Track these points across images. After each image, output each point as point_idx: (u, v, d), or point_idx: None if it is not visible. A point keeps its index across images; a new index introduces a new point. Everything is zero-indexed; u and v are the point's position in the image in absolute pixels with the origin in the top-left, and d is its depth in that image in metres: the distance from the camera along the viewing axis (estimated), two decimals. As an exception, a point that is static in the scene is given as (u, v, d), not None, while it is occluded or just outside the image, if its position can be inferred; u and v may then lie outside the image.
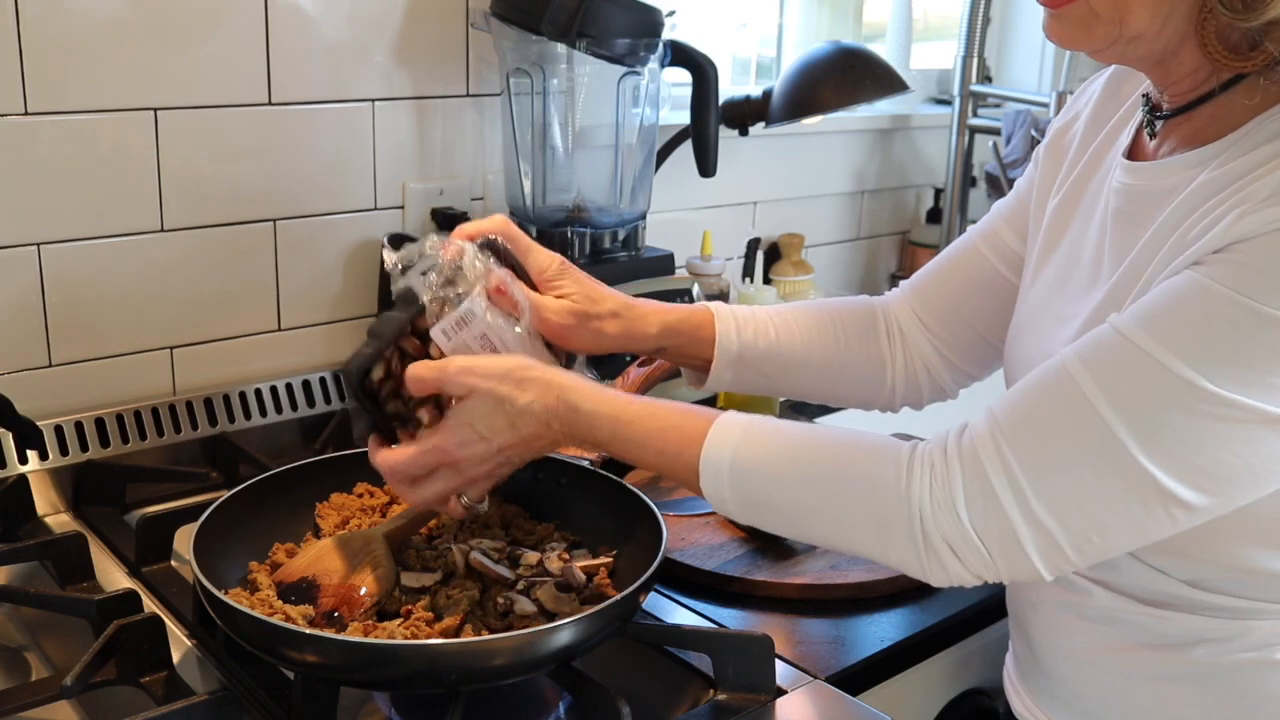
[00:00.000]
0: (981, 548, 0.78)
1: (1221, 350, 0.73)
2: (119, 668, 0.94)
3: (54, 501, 1.26)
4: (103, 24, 1.24)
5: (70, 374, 1.31)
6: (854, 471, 0.83)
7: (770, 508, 0.86)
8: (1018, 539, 0.77)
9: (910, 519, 0.80)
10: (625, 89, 1.47)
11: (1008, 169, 1.96)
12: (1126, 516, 0.76)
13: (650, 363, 1.29)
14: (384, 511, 1.09)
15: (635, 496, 1.06)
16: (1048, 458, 0.77)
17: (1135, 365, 0.75)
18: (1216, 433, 0.74)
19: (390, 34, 1.45)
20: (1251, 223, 0.74)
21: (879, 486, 0.81)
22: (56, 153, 1.24)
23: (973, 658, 1.19)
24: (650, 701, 0.96)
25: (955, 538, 0.79)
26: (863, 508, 0.82)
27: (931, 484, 0.79)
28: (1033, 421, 0.78)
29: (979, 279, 1.10)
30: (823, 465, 0.84)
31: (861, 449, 0.84)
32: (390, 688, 0.95)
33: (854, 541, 0.84)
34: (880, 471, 0.81)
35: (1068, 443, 0.76)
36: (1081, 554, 0.78)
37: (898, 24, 2.28)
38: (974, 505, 0.78)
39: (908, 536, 0.80)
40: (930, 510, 0.79)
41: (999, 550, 0.78)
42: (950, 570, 0.80)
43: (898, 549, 0.81)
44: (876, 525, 0.82)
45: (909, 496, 0.80)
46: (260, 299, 1.43)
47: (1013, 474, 0.77)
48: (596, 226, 1.50)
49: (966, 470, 0.79)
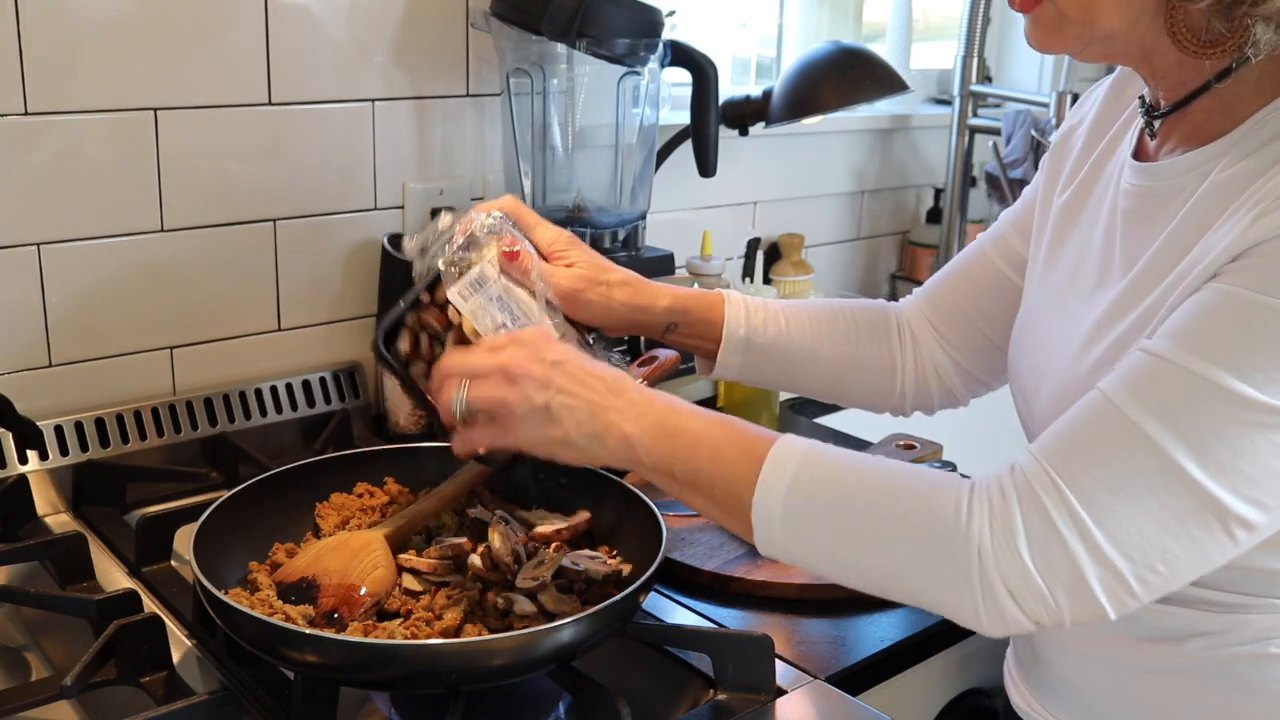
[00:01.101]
0: (1045, 590, 0.75)
1: (1258, 355, 0.72)
2: (119, 668, 0.94)
3: (54, 501, 1.26)
4: (103, 24, 1.24)
5: (70, 374, 1.31)
6: (913, 505, 0.78)
7: (821, 534, 0.81)
8: (1084, 577, 0.74)
9: (969, 560, 0.75)
10: (625, 89, 1.47)
11: (1008, 169, 1.96)
12: (1189, 541, 0.74)
13: (651, 362, 1.28)
14: (384, 511, 1.09)
15: (635, 496, 1.06)
16: (1105, 488, 0.74)
17: (1177, 383, 0.74)
18: (1268, 440, 0.72)
19: (390, 34, 1.45)
20: (1267, 225, 0.74)
21: (937, 523, 0.77)
22: (56, 152, 1.24)
23: (973, 658, 1.19)
24: (650, 701, 0.96)
25: (1016, 581, 0.75)
26: (919, 544, 0.78)
27: (992, 523, 0.75)
28: (1083, 453, 0.75)
29: (988, 284, 1.10)
30: (881, 495, 0.80)
31: (922, 483, 0.80)
32: (390, 688, 0.95)
33: (904, 580, 0.79)
34: (940, 508, 0.77)
35: (1123, 470, 0.74)
36: (1146, 586, 0.75)
37: (898, 24, 2.28)
38: (1036, 544, 0.74)
39: (965, 579, 0.76)
40: (991, 551, 0.75)
41: (1064, 591, 0.75)
42: (1007, 615, 0.76)
43: (952, 591, 0.77)
44: (932, 564, 0.77)
45: (968, 536, 0.75)
46: (260, 299, 1.43)
47: (1072, 508, 0.74)
48: (596, 226, 1.50)
49: (1026, 508, 0.75)
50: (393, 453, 1.16)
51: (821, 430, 1.62)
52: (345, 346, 1.51)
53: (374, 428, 1.51)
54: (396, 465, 1.14)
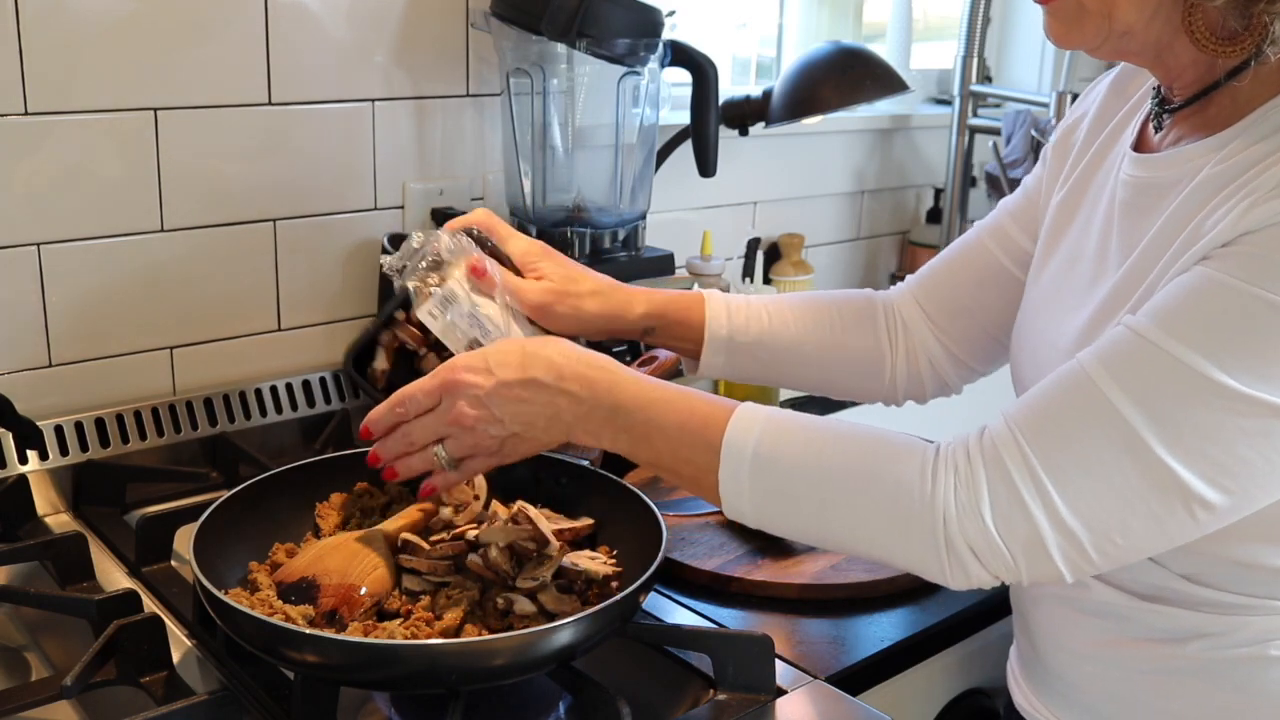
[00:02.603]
0: (1006, 552, 0.77)
1: (1237, 343, 0.73)
2: (119, 668, 0.94)
3: (54, 501, 1.26)
4: (103, 24, 1.24)
5: (70, 374, 1.31)
6: (878, 469, 0.81)
7: (788, 497, 0.84)
8: (1043, 542, 0.76)
9: (934, 523, 0.78)
10: (625, 89, 1.47)
11: (1008, 169, 1.96)
12: (1149, 517, 0.76)
13: (650, 362, 1.29)
14: (384, 511, 1.09)
15: (635, 496, 1.06)
16: (1071, 458, 0.76)
17: (1153, 363, 0.75)
18: (1237, 428, 0.73)
19: (390, 34, 1.45)
20: (1260, 214, 0.75)
21: (903, 487, 0.79)
22: (56, 152, 1.24)
23: (973, 658, 1.19)
24: (650, 701, 0.96)
25: (979, 542, 0.78)
26: (885, 507, 0.80)
27: (956, 488, 0.78)
28: (1054, 423, 0.77)
29: (985, 274, 1.10)
30: (846, 458, 0.82)
31: (887, 447, 0.82)
32: (390, 688, 0.95)
33: (870, 540, 0.82)
34: (905, 472, 0.80)
35: (1090, 442, 0.75)
36: (1104, 556, 0.77)
37: (898, 24, 2.28)
38: (999, 509, 0.77)
39: (930, 540, 0.79)
40: (955, 515, 0.78)
41: (1023, 554, 0.77)
42: (971, 573, 0.79)
43: (919, 551, 0.80)
44: (898, 526, 0.80)
45: (933, 500, 0.78)
46: (260, 299, 1.43)
47: (1037, 476, 0.76)
48: (596, 226, 1.50)
49: (991, 473, 0.77)
50: (393, 453, 1.16)
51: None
52: (345, 346, 1.51)
53: (374, 428, 1.51)
54: (396, 465, 1.14)
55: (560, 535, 1.04)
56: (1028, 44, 2.44)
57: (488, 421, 0.89)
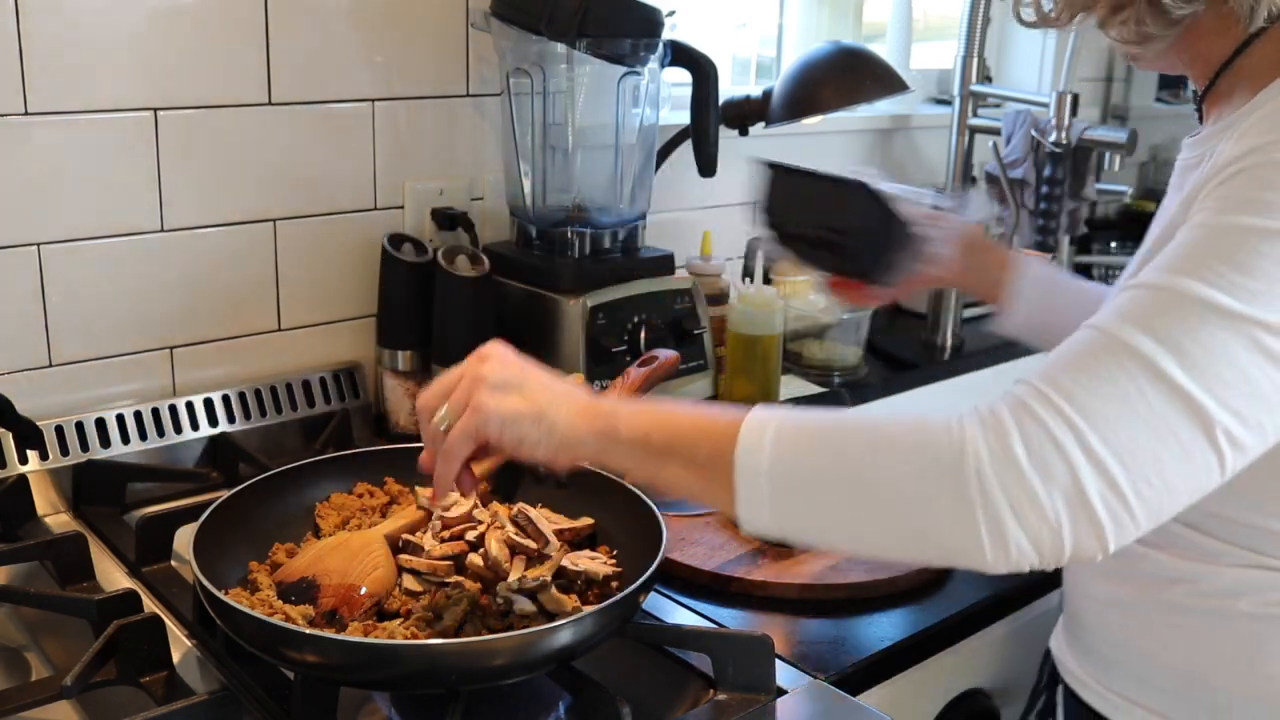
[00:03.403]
0: (1045, 500, 0.72)
1: (1229, 266, 0.75)
2: (119, 668, 0.94)
3: (54, 501, 1.26)
4: (103, 24, 1.24)
5: (70, 374, 1.31)
6: (902, 438, 0.77)
7: (813, 505, 0.79)
8: (1081, 485, 0.72)
9: (967, 476, 0.73)
10: (625, 89, 1.47)
11: (1008, 169, 1.96)
12: (1179, 449, 0.74)
13: (650, 362, 1.28)
14: (384, 511, 1.09)
15: (635, 496, 1.06)
16: (1095, 395, 0.74)
17: (1157, 299, 0.76)
18: (1244, 348, 0.74)
19: (390, 34, 1.45)
20: (1230, 151, 0.81)
21: (931, 443, 0.75)
22: (56, 153, 1.24)
23: (973, 658, 1.19)
24: (650, 701, 0.96)
25: (1016, 492, 0.73)
26: (916, 468, 0.76)
27: (985, 436, 0.74)
28: (1073, 368, 0.76)
29: None
30: (864, 440, 0.78)
31: (908, 417, 0.79)
32: (390, 688, 0.95)
33: (904, 522, 0.77)
34: (932, 430, 0.76)
35: (1110, 378, 0.74)
36: (1142, 500, 0.74)
37: (898, 24, 2.28)
38: (1032, 449, 0.73)
39: (965, 498, 0.73)
40: (988, 461, 0.73)
41: (1064, 503, 0.73)
42: (1011, 539, 0.73)
43: (955, 521, 0.74)
44: (931, 485, 0.75)
45: (963, 452, 0.74)
46: (260, 299, 1.43)
47: (1064, 412, 0.73)
48: (596, 226, 1.50)
49: (1019, 417, 0.74)
50: (393, 453, 1.16)
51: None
52: (345, 346, 1.51)
53: (374, 428, 1.51)
54: (396, 465, 1.14)
55: (560, 535, 1.04)
56: (1028, 44, 2.44)
57: (522, 421, 0.87)
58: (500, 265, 1.49)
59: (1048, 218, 1.93)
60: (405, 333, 1.47)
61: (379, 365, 1.50)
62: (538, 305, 1.45)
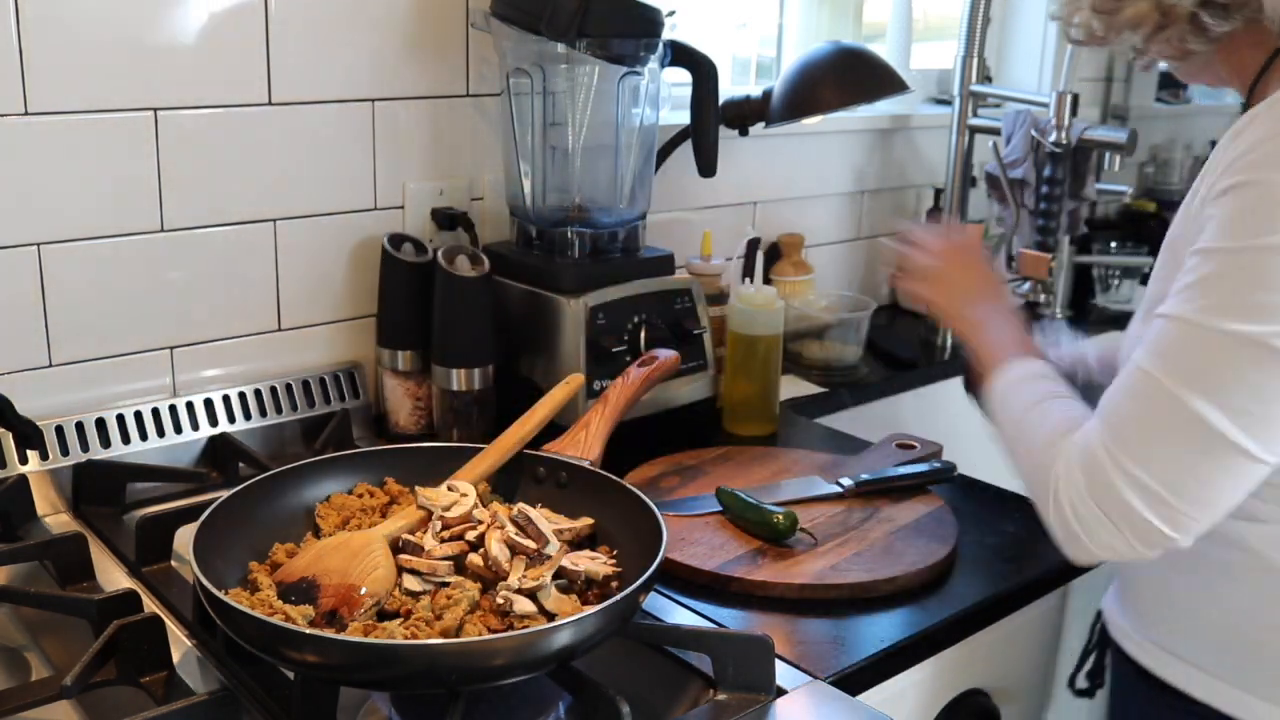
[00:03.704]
0: (1109, 531, 0.93)
1: (1225, 292, 0.88)
2: (119, 668, 0.94)
3: (54, 501, 1.26)
4: (103, 24, 1.24)
5: (70, 374, 1.31)
6: (1035, 433, 1.01)
7: (1000, 426, 1.08)
8: (1138, 512, 0.91)
9: (1056, 499, 0.96)
10: (625, 89, 1.47)
11: (1008, 169, 1.96)
12: (1227, 478, 0.89)
13: (650, 362, 1.29)
14: (384, 511, 1.09)
15: (635, 496, 1.06)
16: (1145, 446, 0.91)
17: (1181, 336, 0.90)
18: (1260, 373, 0.87)
19: (390, 34, 1.45)
20: (1216, 188, 0.91)
21: (1041, 458, 0.99)
22: (56, 153, 1.24)
23: (973, 658, 1.19)
24: (650, 701, 0.96)
25: (1090, 522, 0.94)
26: (1031, 469, 1.01)
27: (1068, 473, 0.95)
28: (1126, 420, 0.92)
29: None
30: (1028, 424, 1.03)
31: (1055, 418, 1.01)
32: (390, 688, 0.95)
33: (1029, 490, 1.02)
34: (1046, 448, 0.99)
35: (1157, 426, 0.91)
36: (1194, 519, 0.91)
37: (898, 24, 2.28)
38: (1100, 497, 0.93)
39: (1054, 508, 0.96)
40: (1070, 497, 0.95)
41: (1126, 524, 0.92)
42: (1083, 546, 0.95)
43: (1048, 514, 0.97)
44: (1037, 492, 1.00)
45: (1051, 480, 0.96)
46: (260, 299, 1.43)
47: (1128, 470, 0.91)
48: (596, 226, 1.50)
49: (1091, 474, 0.93)
50: (393, 453, 1.16)
51: (820, 429, 1.62)
52: (345, 346, 1.51)
53: (374, 428, 1.51)
54: (396, 465, 1.14)
55: (560, 535, 1.04)
56: (1028, 44, 2.44)
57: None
58: (500, 265, 1.49)
59: (1048, 218, 1.93)
60: (405, 333, 1.47)
61: (379, 365, 1.50)
62: (538, 305, 1.45)
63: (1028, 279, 1.97)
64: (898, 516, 1.29)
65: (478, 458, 1.13)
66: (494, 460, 1.13)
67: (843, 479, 1.35)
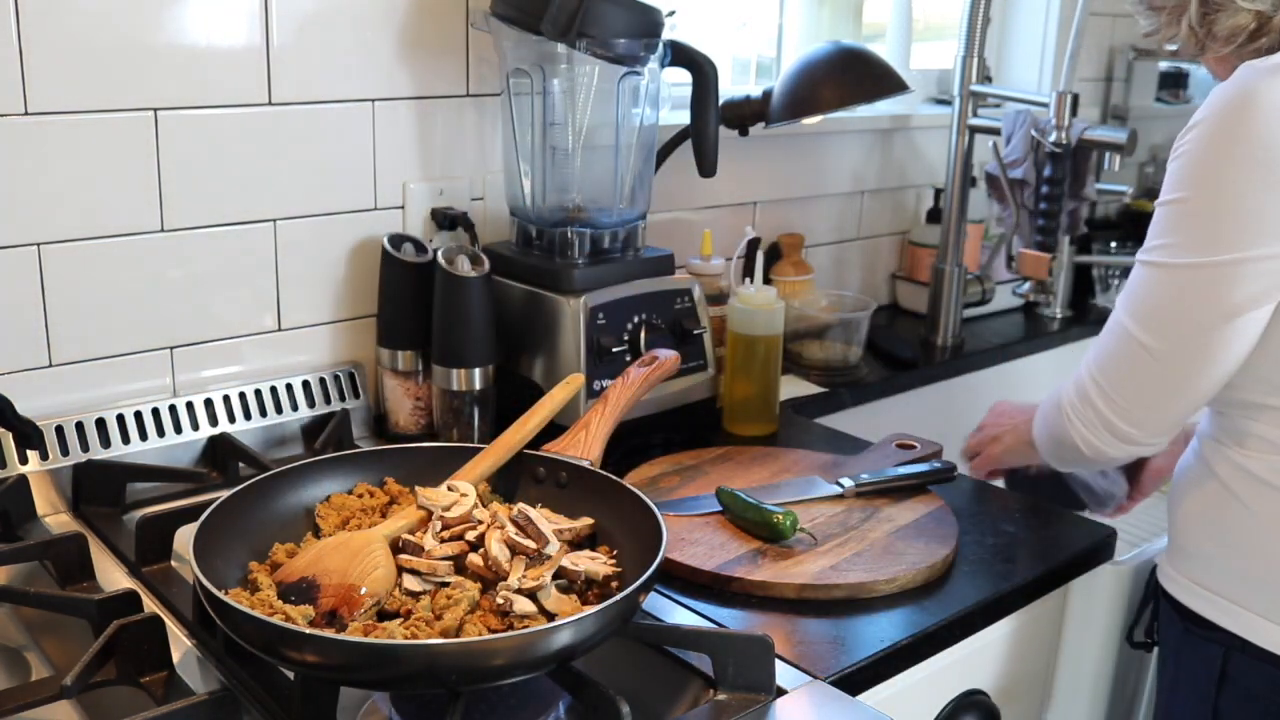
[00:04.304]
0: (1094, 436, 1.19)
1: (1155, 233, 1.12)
2: (119, 668, 0.94)
3: (54, 501, 1.26)
4: (103, 24, 1.24)
5: (70, 374, 1.31)
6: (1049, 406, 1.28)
7: None
8: (1099, 409, 1.18)
9: (1070, 421, 1.22)
10: (625, 89, 1.47)
11: (1008, 169, 1.96)
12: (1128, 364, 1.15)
13: (650, 363, 1.29)
14: (384, 511, 1.09)
15: (635, 496, 1.06)
16: (1099, 360, 1.18)
17: (1131, 276, 1.15)
18: (1148, 285, 1.12)
19: (390, 34, 1.45)
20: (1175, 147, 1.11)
21: (1055, 412, 1.25)
22: (56, 153, 1.24)
23: (973, 658, 1.19)
24: (650, 701, 0.96)
25: (1089, 435, 1.20)
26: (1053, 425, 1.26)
27: (1070, 409, 1.21)
28: (1096, 345, 1.19)
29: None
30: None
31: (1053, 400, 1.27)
32: (390, 688, 0.95)
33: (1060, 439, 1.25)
34: (1057, 411, 1.24)
35: (1105, 343, 1.17)
36: (1123, 402, 1.16)
37: (898, 24, 2.28)
38: (1087, 420, 1.19)
39: (1072, 429, 1.22)
40: (1076, 422, 1.21)
41: (1099, 422, 1.18)
42: (1086, 451, 1.21)
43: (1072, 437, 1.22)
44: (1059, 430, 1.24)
45: (1068, 417, 1.22)
46: (260, 299, 1.43)
47: (1091, 376, 1.18)
48: (596, 226, 1.50)
49: (1078, 394, 1.20)
50: (393, 453, 1.16)
51: (821, 430, 1.62)
52: (345, 346, 1.51)
53: (374, 428, 1.51)
54: (396, 465, 1.14)
55: (560, 535, 1.04)
56: (1028, 44, 2.44)
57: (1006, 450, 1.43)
58: (500, 265, 1.49)
59: (1048, 218, 1.93)
60: (405, 333, 1.47)
61: (379, 365, 1.50)
62: (538, 305, 1.45)
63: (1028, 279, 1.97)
64: (898, 516, 1.29)
65: (478, 458, 1.13)
66: (494, 460, 1.13)
67: (843, 479, 1.35)
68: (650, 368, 1.28)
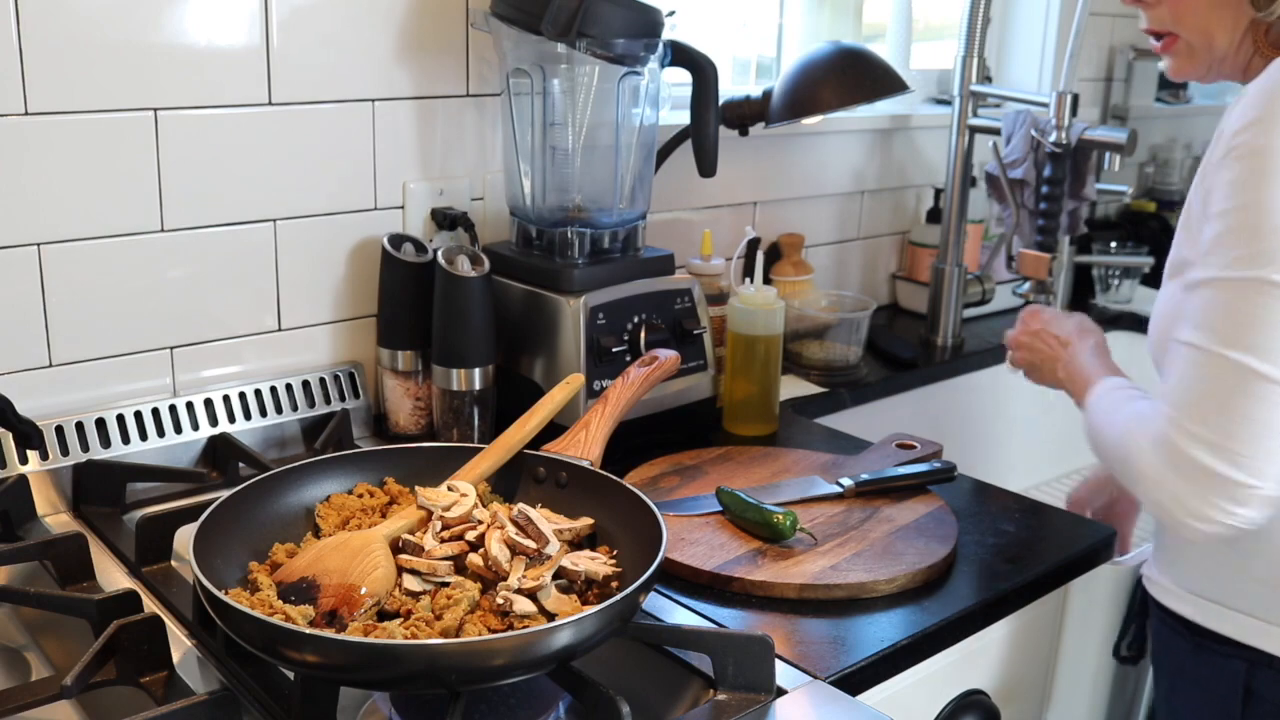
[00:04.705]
0: (1194, 490, 1.00)
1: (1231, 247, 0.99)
2: (119, 668, 0.94)
3: (54, 501, 1.26)
4: (103, 24, 1.24)
5: (70, 374, 1.31)
6: (1113, 435, 1.11)
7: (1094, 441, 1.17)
8: (1209, 468, 0.98)
9: (1148, 491, 1.04)
10: (625, 89, 1.47)
11: (1008, 169, 1.96)
12: (1263, 410, 0.97)
13: (650, 363, 1.29)
14: (384, 511, 1.09)
15: (635, 496, 1.06)
16: (1201, 405, 0.99)
17: (1208, 299, 1.00)
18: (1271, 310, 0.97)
19: (390, 34, 1.45)
20: (1209, 165, 1.04)
21: (1120, 451, 1.08)
22: (56, 153, 1.24)
23: (973, 658, 1.19)
24: (650, 701, 0.96)
25: (1176, 494, 1.01)
26: (1120, 465, 1.09)
27: (1148, 461, 1.03)
28: (1180, 389, 1.01)
29: None
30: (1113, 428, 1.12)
31: (1126, 418, 1.10)
32: (390, 688, 0.95)
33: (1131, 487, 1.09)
34: (1123, 439, 1.08)
35: (1207, 386, 0.99)
36: (1251, 452, 0.97)
37: (898, 24, 2.28)
38: (1175, 466, 1.01)
39: (1152, 500, 1.04)
40: (1154, 480, 1.03)
41: (1206, 483, 0.99)
42: (1181, 519, 1.02)
43: (1150, 507, 1.06)
44: (1130, 484, 1.08)
45: (1137, 474, 1.05)
46: (260, 299, 1.43)
47: (1188, 430, 0.99)
48: (596, 226, 1.50)
49: (1164, 456, 1.01)
50: (393, 453, 1.16)
51: (821, 430, 1.62)
52: (345, 346, 1.51)
53: (374, 428, 1.51)
54: (396, 465, 1.15)
55: (560, 535, 1.04)
56: (1028, 44, 2.44)
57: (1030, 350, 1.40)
58: (500, 265, 1.49)
59: (1048, 218, 1.93)
60: (405, 333, 1.47)
61: (379, 365, 1.50)
62: (538, 305, 1.45)
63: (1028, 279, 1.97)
64: (898, 516, 1.29)
65: (478, 458, 1.13)
66: (494, 460, 1.13)
67: (843, 479, 1.35)
68: (650, 368, 1.28)
